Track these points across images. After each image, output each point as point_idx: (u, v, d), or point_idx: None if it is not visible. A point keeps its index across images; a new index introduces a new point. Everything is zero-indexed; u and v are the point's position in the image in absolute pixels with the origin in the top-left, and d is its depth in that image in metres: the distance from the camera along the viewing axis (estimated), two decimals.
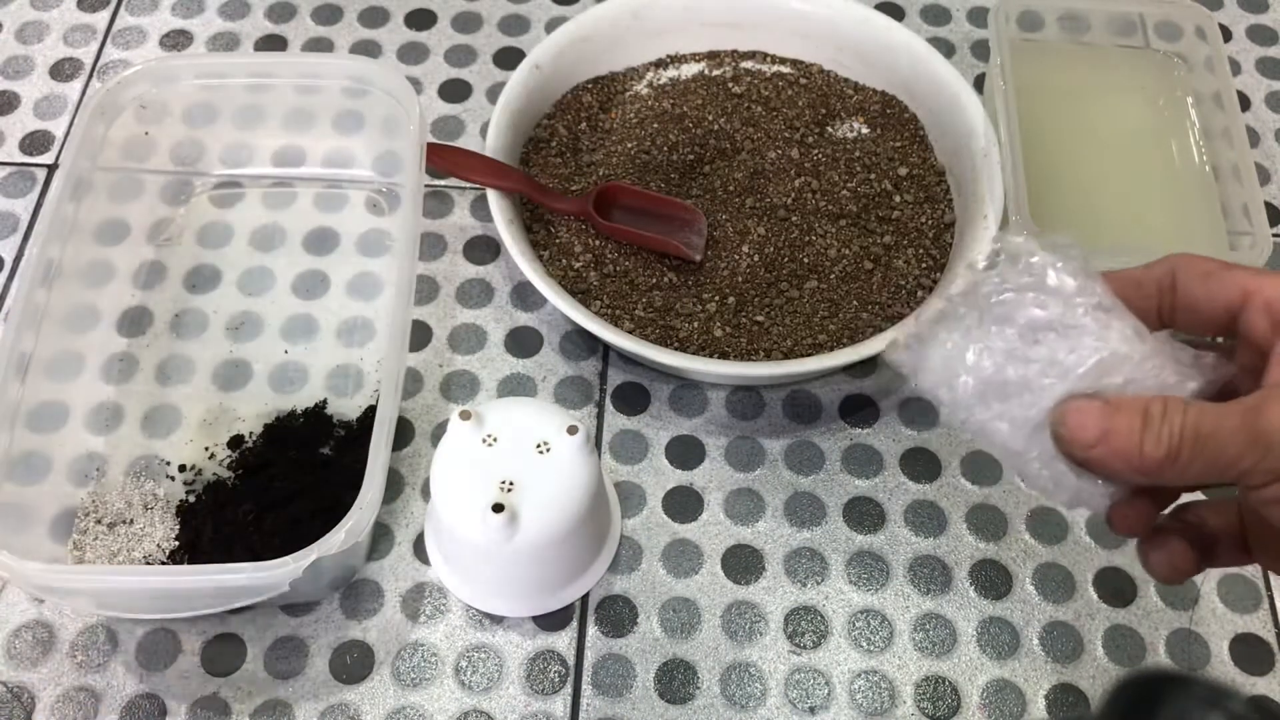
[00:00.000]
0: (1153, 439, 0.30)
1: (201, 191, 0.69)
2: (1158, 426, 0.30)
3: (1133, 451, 0.31)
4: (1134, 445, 0.31)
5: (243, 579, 0.47)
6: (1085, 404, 0.32)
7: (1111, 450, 0.31)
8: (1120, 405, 0.31)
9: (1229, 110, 0.65)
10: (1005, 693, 0.54)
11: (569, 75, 0.69)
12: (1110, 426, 0.31)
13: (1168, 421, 0.30)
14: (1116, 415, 0.31)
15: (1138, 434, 0.31)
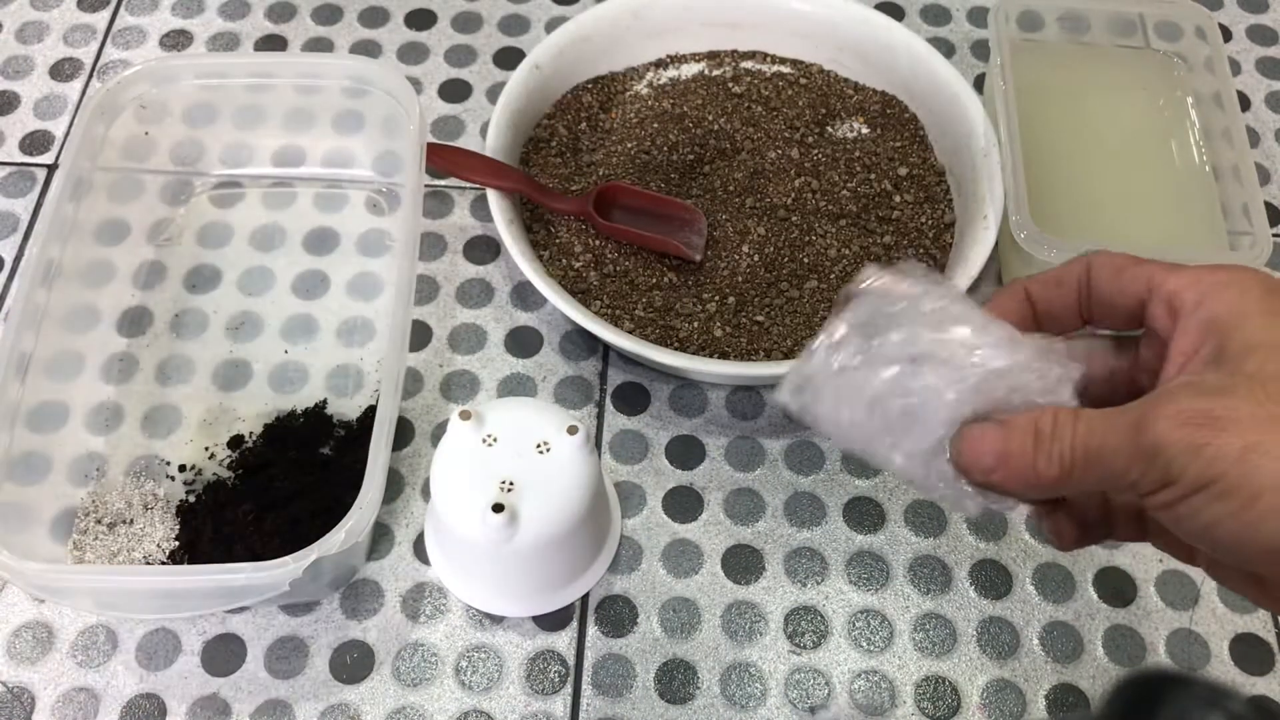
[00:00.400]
0: (1044, 458, 0.31)
1: (201, 191, 0.69)
2: (1049, 445, 0.31)
3: (1028, 473, 0.31)
4: (1029, 466, 0.31)
5: (242, 579, 0.47)
6: (979, 431, 0.32)
7: (1009, 474, 0.32)
8: (1013, 427, 0.31)
9: (1229, 110, 0.65)
10: (1005, 693, 0.54)
11: (569, 75, 0.69)
12: (1005, 450, 0.31)
13: (1058, 439, 0.30)
14: (1010, 438, 0.31)
15: (1030, 455, 0.31)
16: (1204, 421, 0.28)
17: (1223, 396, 0.28)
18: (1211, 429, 0.28)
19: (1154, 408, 0.29)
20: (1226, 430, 0.28)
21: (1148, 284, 0.32)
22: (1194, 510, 0.28)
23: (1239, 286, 0.31)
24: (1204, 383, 0.29)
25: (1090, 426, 0.30)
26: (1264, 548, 0.28)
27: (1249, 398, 0.28)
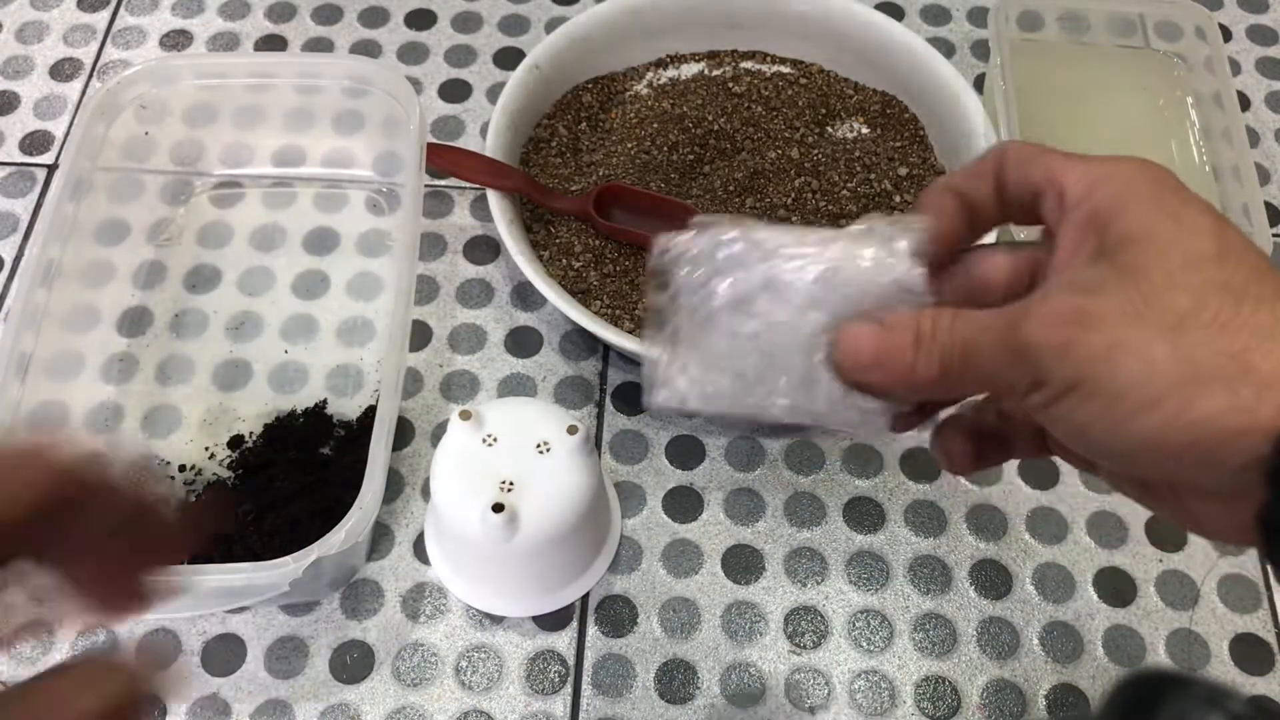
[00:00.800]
0: (924, 357, 0.30)
1: (201, 191, 0.69)
2: (928, 344, 0.30)
3: (906, 372, 0.30)
4: (908, 365, 0.30)
5: (242, 579, 0.47)
6: (858, 328, 0.31)
7: (887, 373, 0.31)
8: (892, 325, 0.30)
9: (1229, 110, 0.65)
10: (1005, 693, 0.54)
11: (569, 75, 0.69)
12: (883, 347, 0.30)
13: (937, 338, 0.30)
14: (889, 336, 0.30)
15: (909, 354, 0.30)
16: (1073, 319, 0.27)
17: (1094, 293, 0.28)
18: (1079, 326, 0.27)
19: (1027, 307, 0.28)
20: (1094, 328, 0.27)
21: (1046, 178, 0.31)
22: (1066, 412, 0.28)
23: (1124, 177, 0.29)
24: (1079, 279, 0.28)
25: (969, 326, 0.29)
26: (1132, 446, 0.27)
27: (1119, 293, 0.27)
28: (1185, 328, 0.26)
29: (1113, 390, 0.27)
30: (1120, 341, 0.27)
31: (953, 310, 0.30)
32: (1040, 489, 0.59)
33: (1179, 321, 0.26)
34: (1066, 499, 0.59)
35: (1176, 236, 0.28)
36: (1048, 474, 0.60)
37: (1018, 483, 0.60)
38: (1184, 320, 0.26)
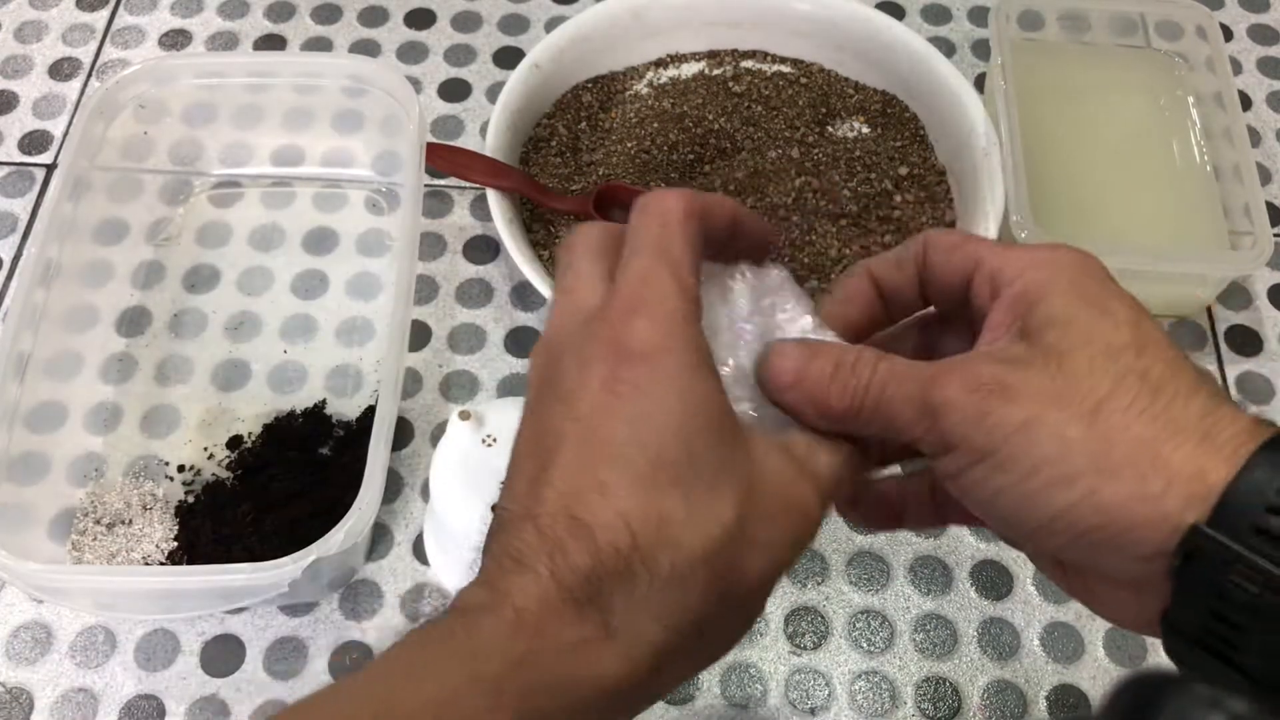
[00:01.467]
0: (839, 389, 0.30)
1: (200, 191, 0.69)
2: (846, 377, 0.30)
3: (820, 398, 0.30)
4: (822, 391, 0.30)
5: (241, 579, 0.47)
6: (788, 347, 0.31)
7: (802, 395, 0.30)
8: (818, 352, 0.31)
9: (1230, 110, 0.65)
10: (1006, 694, 0.54)
11: (569, 75, 0.69)
12: (804, 370, 0.30)
13: (856, 373, 0.30)
14: (812, 360, 0.30)
15: (826, 381, 0.30)
16: (993, 389, 0.27)
17: (1016, 367, 0.28)
18: (999, 398, 0.27)
19: (948, 370, 0.29)
20: (1012, 400, 0.27)
21: (975, 262, 0.31)
22: (976, 480, 0.28)
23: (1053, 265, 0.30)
24: (1001, 352, 0.29)
25: (890, 372, 0.30)
26: (1040, 522, 0.27)
27: (1042, 370, 0.27)
28: (1102, 412, 0.27)
29: (1025, 465, 0.27)
30: (1037, 418, 0.27)
31: (880, 353, 0.30)
32: None
33: (1097, 406, 0.27)
34: None
35: (1098, 324, 0.28)
36: None
37: None
38: (1101, 405, 0.27)
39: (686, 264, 0.30)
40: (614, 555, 0.26)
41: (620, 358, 0.28)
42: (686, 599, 0.27)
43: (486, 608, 0.26)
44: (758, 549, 0.28)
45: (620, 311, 0.29)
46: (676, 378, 0.28)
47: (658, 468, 0.27)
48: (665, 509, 0.27)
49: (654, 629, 0.26)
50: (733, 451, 0.28)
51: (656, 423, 0.27)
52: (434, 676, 0.25)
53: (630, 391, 0.27)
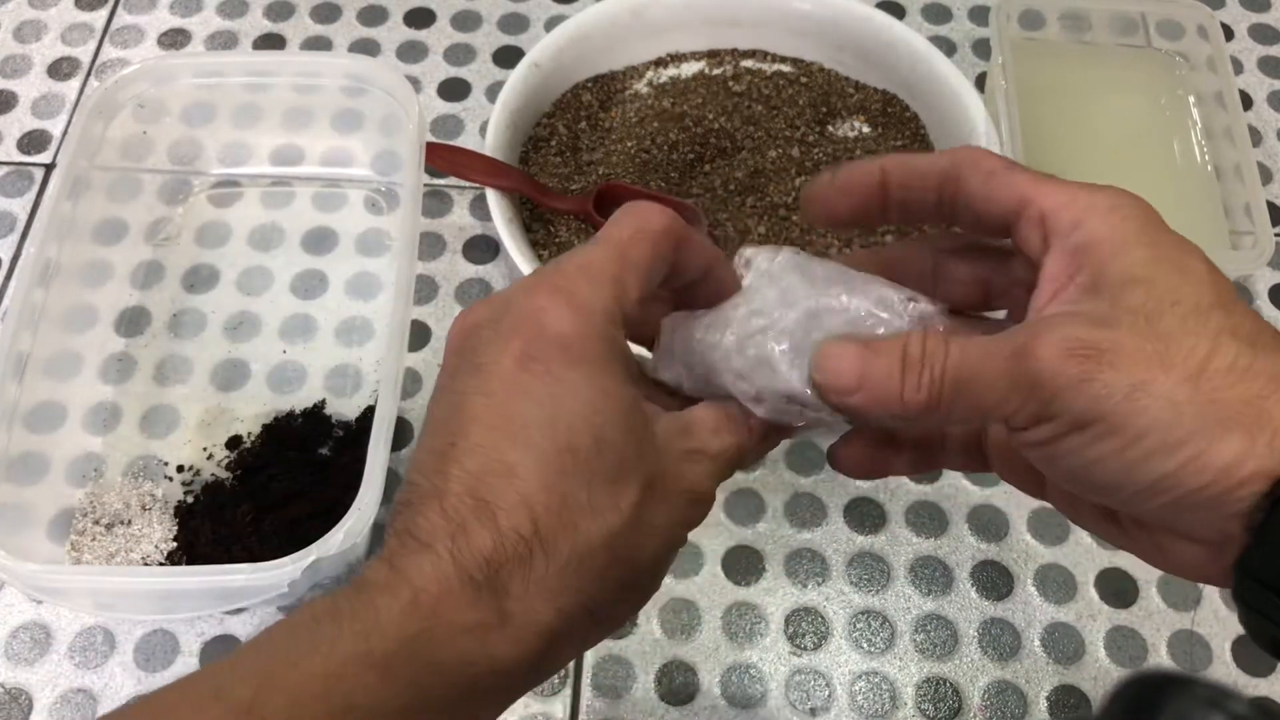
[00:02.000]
0: (913, 385, 0.28)
1: (200, 191, 0.68)
2: (917, 370, 0.28)
3: (893, 398, 0.28)
4: (894, 392, 0.28)
5: (241, 580, 0.47)
6: (841, 348, 0.29)
7: (871, 397, 0.29)
8: (878, 348, 0.29)
9: (1231, 109, 0.65)
10: (1007, 694, 0.53)
11: (568, 74, 0.69)
12: (867, 371, 0.28)
13: (928, 364, 0.28)
14: (875, 359, 0.28)
15: (897, 379, 0.28)
16: (1089, 353, 0.26)
17: (1107, 329, 0.27)
18: (1097, 362, 0.26)
19: (1036, 336, 0.27)
20: (1113, 365, 0.26)
21: (1020, 199, 0.29)
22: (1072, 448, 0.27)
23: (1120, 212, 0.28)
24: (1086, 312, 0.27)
25: (965, 353, 0.28)
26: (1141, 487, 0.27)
27: (1134, 332, 0.26)
28: (1206, 373, 0.26)
29: (1132, 431, 0.26)
30: (1141, 382, 0.26)
31: (939, 335, 0.29)
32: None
33: (1200, 367, 0.26)
34: None
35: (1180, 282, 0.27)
36: None
37: None
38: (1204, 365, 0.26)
39: (638, 271, 0.30)
40: (515, 539, 0.26)
41: (537, 337, 0.28)
42: (582, 584, 0.27)
43: (384, 586, 0.26)
44: (654, 532, 0.29)
45: (547, 291, 0.29)
46: (589, 365, 0.28)
47: (565, 453, 0.27)
48: (568, 495, 0.27)
49: (547, 612, 0.27)
50: (639, 441, 0.29)
51: (567, 408, 0.27)
52: (323, 650, 0.25)
53: (544, 373, 0.28)
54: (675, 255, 0.31)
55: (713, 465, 0.30)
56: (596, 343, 0.28)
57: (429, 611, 0.26)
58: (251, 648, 0.26)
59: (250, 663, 0.26)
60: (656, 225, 0.30)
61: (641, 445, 0.29)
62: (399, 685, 0.25)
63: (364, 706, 0.25)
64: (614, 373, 0.28)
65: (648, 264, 0.30)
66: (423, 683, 0.26)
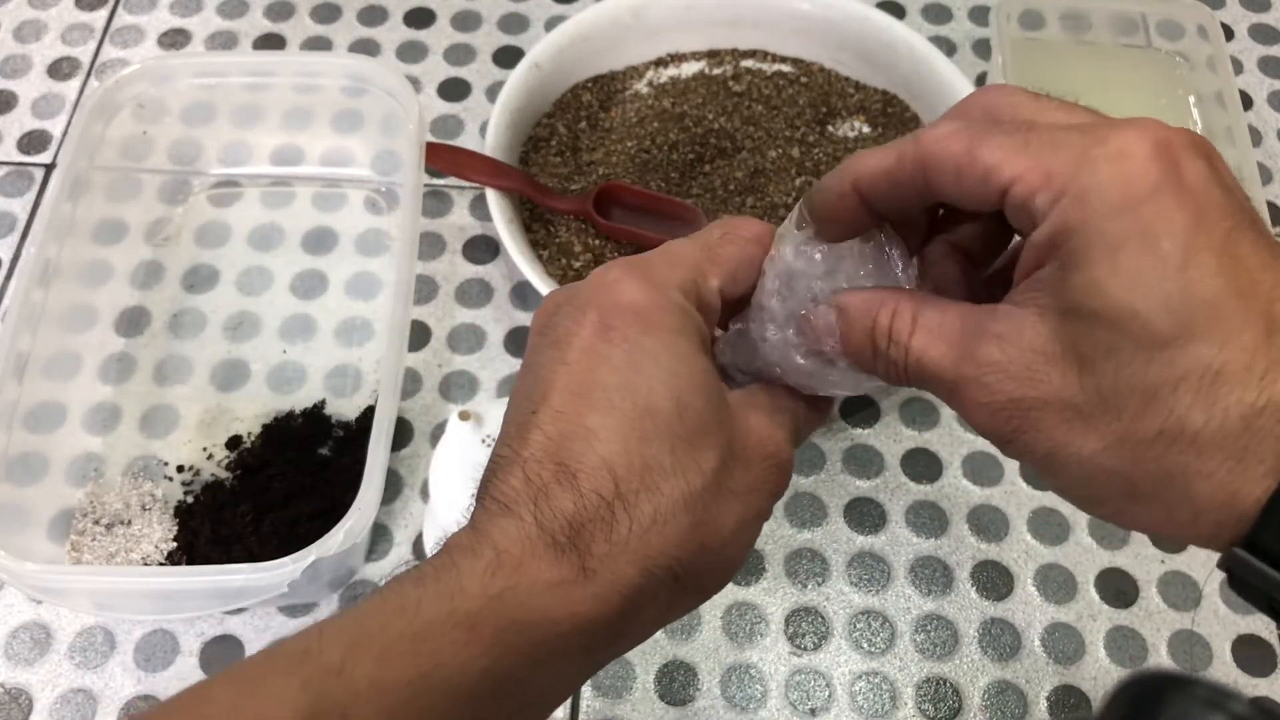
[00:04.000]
0: (882, 363, 0.29)
1: (200, 191, 0.68)
2: (884, 350, 0.29)
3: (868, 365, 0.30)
4: (867, 361, 0.30)
5: (241, 580, 0.47)
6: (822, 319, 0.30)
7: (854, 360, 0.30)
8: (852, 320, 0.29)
9: (1231, 109, 0.65)
10: (1007, 694, 0.53)
11: (569, 74, 0.69)
12: (845, 342, 0.30)
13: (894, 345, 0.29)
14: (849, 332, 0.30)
15: (868, 352, 0.29)
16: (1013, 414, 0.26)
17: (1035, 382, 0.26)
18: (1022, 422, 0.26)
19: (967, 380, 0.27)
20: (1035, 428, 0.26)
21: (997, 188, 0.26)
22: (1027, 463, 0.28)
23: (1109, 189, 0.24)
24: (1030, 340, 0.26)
25: (924, 344, 0.28)
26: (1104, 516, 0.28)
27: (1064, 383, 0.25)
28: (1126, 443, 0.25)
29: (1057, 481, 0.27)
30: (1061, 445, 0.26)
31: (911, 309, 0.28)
32: (1042, 490, 0.59)
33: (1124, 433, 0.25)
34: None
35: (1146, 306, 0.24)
36: None
37: (1019, 483, 0.59)
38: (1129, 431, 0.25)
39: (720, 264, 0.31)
40: (596, 501, 0.27)
41: (612, 307, 0.28)
42: (665, 545, 0.27)
43: (467, 549, 0.27)
44: (736, 497, 0.29)
45: (622, 266, 0.29)
46: (664, 332, 0.28)
47: (645, 416, 0.27)
48: (650, 457, 0.27)
49: (630, 572, 0.27)
50: (717, 406, 0.29)
51: (646, 372, 0.28)
52: (409, 613, 0.26)
53: (621, 340, 0.28)
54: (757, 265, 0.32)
55: (785, 431, 0.31)
56: (671, 313, 0.29)
57: (511, 570, 0.26)
58: (342, 615, 0.27)
59: (339, 627, 0.26)
60: (748, 232, 0.31)
61: (719, 410, 0.29)
62: (485, 643, 0.26)
63: (451, 664, 0.25)
64: (690, 341, 0.29)
65: (733, 261, 0.31)
66: (508, 640, 0.26)
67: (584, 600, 0.27)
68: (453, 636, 0.25)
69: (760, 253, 0.31)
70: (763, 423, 0.30)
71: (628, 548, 0.27)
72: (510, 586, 0.26)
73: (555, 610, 0.26)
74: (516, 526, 0.27)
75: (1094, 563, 0.57)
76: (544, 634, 0.26)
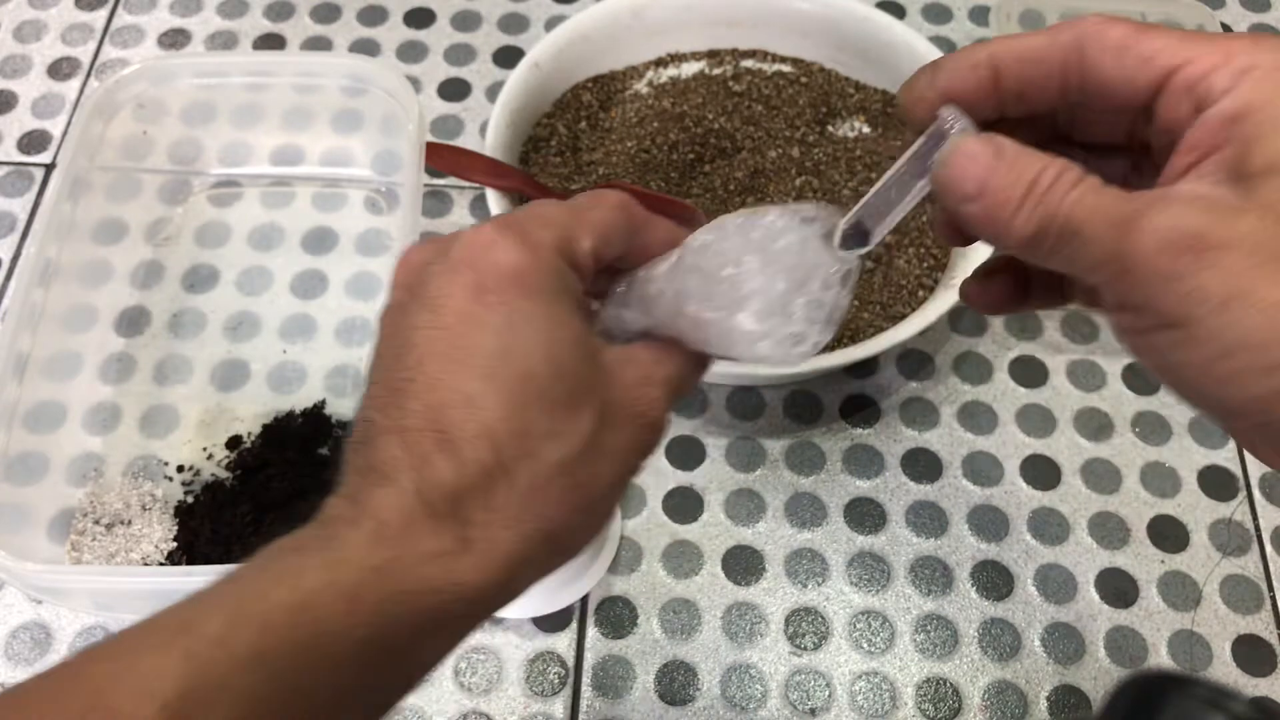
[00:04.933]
0: (1026, 214, 0.26)
1: (200, 191, 0.68)
2: (1037, 199, 0.26)
3: (1002, 220, 0.26)
4: (1006, 214, 0.26)
5: None
6: (976, 149, 0.27)
7: (983, 211, 0.27)
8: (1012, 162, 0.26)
9: None
10: (1007, 694, 0.53)
11: (569, 74, 0.69)
12: (991, 184, 0.26)
13: (1050, 197, 0.25)
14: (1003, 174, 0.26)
15: (1014, 201, 0.26)
16: (1191, 248, 0.23)
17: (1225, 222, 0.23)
18: (1197, 259, 0.23)
19: (1141, 215, 0.24)
20: (1215, 266, 0.23)
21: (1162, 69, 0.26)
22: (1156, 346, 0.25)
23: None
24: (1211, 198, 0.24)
25: (1083, 200, 0.25)
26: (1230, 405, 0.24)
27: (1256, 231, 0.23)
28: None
29: (1221, 344, 0.23)
30: (1244, 293, 0.23)
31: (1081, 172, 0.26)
32: (1042, 489, 0.59)
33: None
34: (1068, 499, 0.59)
35: None
36: (1049, 475, 0.60)
37: (1019, 483, 0.59)
38: None
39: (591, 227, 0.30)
40: (477, 469, 0.27)
41: (488, 269, 0.28)
42: (543, 509, 0.27)
43: (348, 520, 0.27)
44: (610, 457, 0.29)
45: (496, 226, 0.29)
46: (541, 295, 0.28)
47: (523, 381, 0.27)
48: (529, 422, 0.27)
49: (509, 538, 0.27)
50: (592, 368, 0.29)
51: (523, 336, 0.27)
52: (289, 582, 0.26)
53: (498, 303, 0.28)
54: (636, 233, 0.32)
55: (661, 390, 0.31)
56: (547, 275, 0.28)
57: (393, 542, 0.26)
58: (219, 584, 0.26)
59: (218, 597, 0.26)
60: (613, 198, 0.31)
61: (596, 372, 0.29)
62: (367, 613, 0.25)
63: (332, 634, 0.25)
64: (566, 304, 0.29)
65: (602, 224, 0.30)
66: (390, 611, 0.26)
67: (465, 570, 0.27)
68: (334, 608, 0.25)
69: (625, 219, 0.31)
70: (638, 382, 0.30)
71: (507, 515, 0.27)
72: (392, 558, 0.26)
73: (436, 580, 0.26)
74: (397, 497, 0.27)
75: (1094, 563, 0.57)
76: (425, 604, 0.26)
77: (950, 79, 0.29)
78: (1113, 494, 0.59)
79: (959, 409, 0.62)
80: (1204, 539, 0.58)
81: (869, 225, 0.30)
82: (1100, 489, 0.59)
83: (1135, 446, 0.61)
